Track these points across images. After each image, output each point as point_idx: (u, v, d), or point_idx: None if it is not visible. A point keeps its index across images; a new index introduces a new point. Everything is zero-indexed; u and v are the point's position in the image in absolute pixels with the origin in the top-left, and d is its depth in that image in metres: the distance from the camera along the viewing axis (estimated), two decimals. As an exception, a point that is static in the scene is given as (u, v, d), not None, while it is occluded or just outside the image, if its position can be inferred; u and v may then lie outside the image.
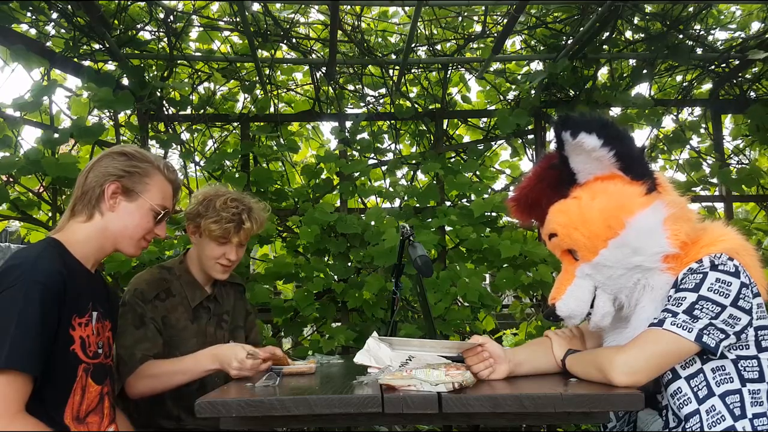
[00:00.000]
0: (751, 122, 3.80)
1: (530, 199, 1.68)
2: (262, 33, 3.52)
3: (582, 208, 1.52)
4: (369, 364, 1.72)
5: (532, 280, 3.34)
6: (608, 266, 1.50)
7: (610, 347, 1.55)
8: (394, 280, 2.33)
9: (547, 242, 1.65)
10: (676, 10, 3.49)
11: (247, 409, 1.34)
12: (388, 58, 3.79)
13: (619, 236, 1.47)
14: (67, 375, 1.51)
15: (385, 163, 3.79)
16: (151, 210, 1.68)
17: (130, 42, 3.46)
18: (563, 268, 1.61)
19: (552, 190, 1.61)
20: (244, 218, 2.09)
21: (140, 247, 1.72)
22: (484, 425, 1.81)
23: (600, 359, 1.46)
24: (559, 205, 1.58)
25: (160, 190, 1.71)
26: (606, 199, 1.50)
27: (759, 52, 3.42)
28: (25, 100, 3.03)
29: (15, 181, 3.21)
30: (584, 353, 1.60)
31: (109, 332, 1.70)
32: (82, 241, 1.62)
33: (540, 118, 3.81)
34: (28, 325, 1.39)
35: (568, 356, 1.60)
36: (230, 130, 3.97)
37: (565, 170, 1.57)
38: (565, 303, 1.56)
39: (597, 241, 1.49)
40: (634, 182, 1.50)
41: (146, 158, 1.71)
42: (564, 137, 1.49)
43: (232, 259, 2.13)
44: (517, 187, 1.76)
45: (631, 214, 1.47)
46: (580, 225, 1.51)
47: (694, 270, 1.44)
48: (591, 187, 1.54)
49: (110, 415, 1.65)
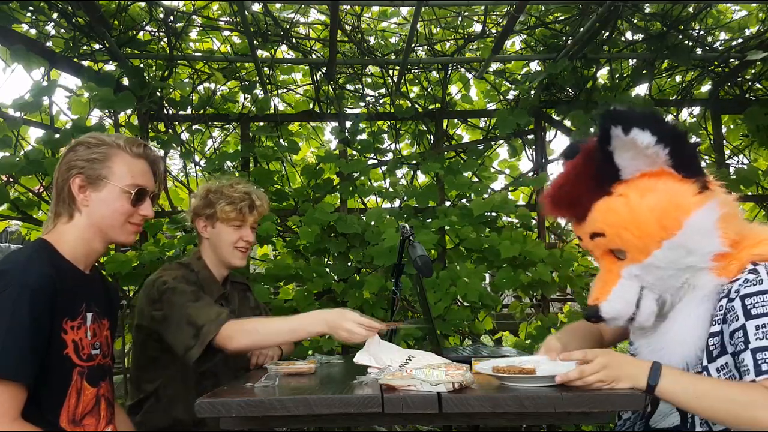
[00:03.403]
0: (751, 122, 3.81)
1: (570, 197, 1.57)
2: (262, 33, 3.52)
3: (631, 206, 1.44)
4: (369, 364, 1.72)
5: (532, 280, 3.34)
6: (660, 267, 1.45)
7: (746, 384, 1.36)
8: (394, 280, 2.33)
9: (585, 241, 1.57)
10: (676, 10, 3.49)
11: (246, 409, 1.34)
12: (388, 58, 3.80)
13: (675, 237, 1.41)
14: (61, 379, 1.50)
15: (385, 163, 3.79)
16: (122, 192, 1.60)
17: (130, 42, 3.46)
18: (604, 268, 1.55)
19: (593, 186, 1.51)
20: (254, 197, 2.22)
21: (130, 232, 1.65)
22: (484, 425, 1.80)
23: (748, 398, 1.32)
24: (604, 203, 1.49)
25: (126, 169, 1.61)
26: (658, 198, 1.43)
27: (758, 52, 3.43)
28: (25, 100, 3.04)
29: (15, 181, 3.22)
30: (700, 381, 1.42)
31: (107, 331, 1.68)
32: (70, 241, 1.58)
33: (540, 118, 3.82)
34: (19, 332, 1.37)
35: (664, 378, 1.39)
36: (230, 130, 3.97)
37: (607, 166, 1.48)
38: (611, 305, 1.51)
39: (650, 242, 1.43)
40: (685, 180, 1.43)
41: (103, 141, 1.62)
42: (614, 132, 1.41)
43: (249, 241, 2.22)
44: (552, 183, 1.66)
45: (688, 213, 1.41)
46: (631, 225, 1.44)
47: (751, 283, 1.39)
48: (637, 184, 1.46)
49: (107, 416, 1.64)
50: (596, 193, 1.50)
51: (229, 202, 2.17)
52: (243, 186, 2.24)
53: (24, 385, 1.39)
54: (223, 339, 1.88)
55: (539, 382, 1.43)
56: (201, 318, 1.92)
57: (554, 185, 1.64)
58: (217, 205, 2.17)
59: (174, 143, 3.65)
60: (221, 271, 2.25)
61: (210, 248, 2.23)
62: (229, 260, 2.21)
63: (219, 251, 2.21)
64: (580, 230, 1.58)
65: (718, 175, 3.66)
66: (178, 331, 1.93)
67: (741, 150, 4.08)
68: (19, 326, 1.38)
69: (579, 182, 1.55)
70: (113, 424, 1.68)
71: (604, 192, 1.49)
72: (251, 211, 2.20)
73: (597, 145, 1.49)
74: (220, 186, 2.23)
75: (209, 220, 2.20)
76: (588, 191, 1.52)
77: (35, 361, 1.41)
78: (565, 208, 1.60)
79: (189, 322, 1.92)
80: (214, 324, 1.89)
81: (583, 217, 1.54)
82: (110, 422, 1.66)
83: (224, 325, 1.89)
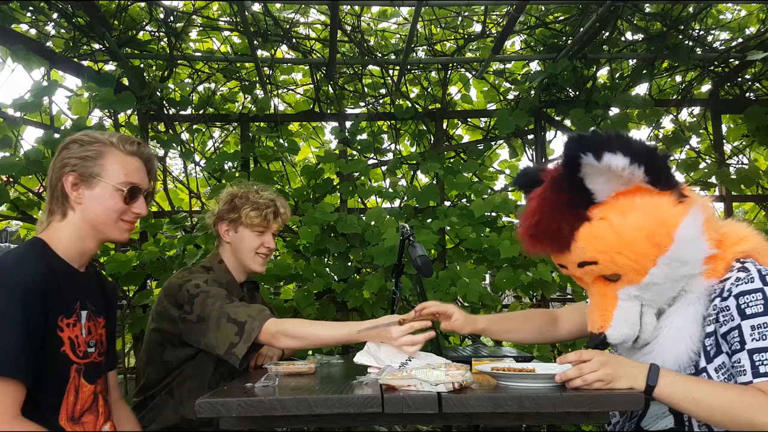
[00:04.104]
0: (751, 122, 3.81)
1: (550, 229, 1.49)
2: (262, 33, 3.52)
3: (616, 229, 1.41)
4: (369, 364, 1.72)
5: (532, 280, 3.34)
6: (658, 284, 1.44)
7: (744, 387, 1.36)
8: (394, 280, 2.33)
9: (572, 269, 1.52)
10: (675, 10, 3.49)
11: (247, 409, 1.34)
12: (388, 58, 3.80)
13: (668, 251, 1.40)
14: (59, 377, 1.50)
15: (385, 163, 3.79)
16: (115, 190, 1.59)
17: (130, 42, 3.46)
18: (597, 292, 1.52)
19: (568, 214, 1.47)
20: (278, 205, 2.24)
21: (124, 229, 1.65)
22: (484, 425, 1.80)
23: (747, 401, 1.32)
24: (587, 230, 1.44)
25: (119, 167, 1.61)
26: (641, 216, 1.40)
27: (758, 52, 3.43)
28: (26, 100, 3.04)
29: (15, 182, 3.22)
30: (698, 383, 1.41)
31: (102, 329, 1.67)
32: (64, 239, 1.58)
33: (540, 118, 3.82)
34: (12, 331, 1.38)
35: (662, 379, 1.38)
36: (230, 130, 3.97)
37: (578, 191, 1.45)
38: (616, 330, 1.49)
39: (645, 262, 1.42)
40: (662, 193, 1.42)
41: (96, 139, 1.61)
42: (585, 160, 1.37)
43: (271, 248, 2.23)
44: (524, 220, 1.58)
45: (675, 226, 1.40)
46: (623, 248, 1.41)
47: (743, 281, 1.40)
48: (615, 204, 1.43)
49: (105, 413, 1.64)
50: (575, 220, 1.46)
51: (254, 207, 2.18)
52: (268, 193, 2.27)
53: (22, 383, 1.39)
54: (269, 336, 1.87)
55: (539, 380, 1.43)
56: (241, 315, 1.90)
57: (528, 221, 1.55)
58: (242, 210, 2.18)
59: (174, 143, 3.65)
60: (241, 275, 2.26)
61: (231, 252, 2.23)
62: (249, 266, 2.22)
63: (240, 256, 2.21)
64: (563, 260, 1.53)
65: (719, 175, 3.72)
66: (219, 331, 1.90)
67: (741, 150, 4.08)
68: (13, 325, 1.38)
69: (554, 213, 1.49)
70: (111, 422, 1.68)
71: (582, 218, 1.45)
72: (275, 218, 2.22)
73: (564, 172, 1.45)
74: (245, 191, 2.23)
75: (232, 224, 2.21)
76: (566, 220, 1.47)
77: (31, 359, 1.41)
78: (548, 243, 1.52)
79: (230, 320, 1.90)
80: (257, 321, 1.87)
81: (566, 248, 1.48)
82: (108, 419, 1.66)
83: (267, 321, 1.87)
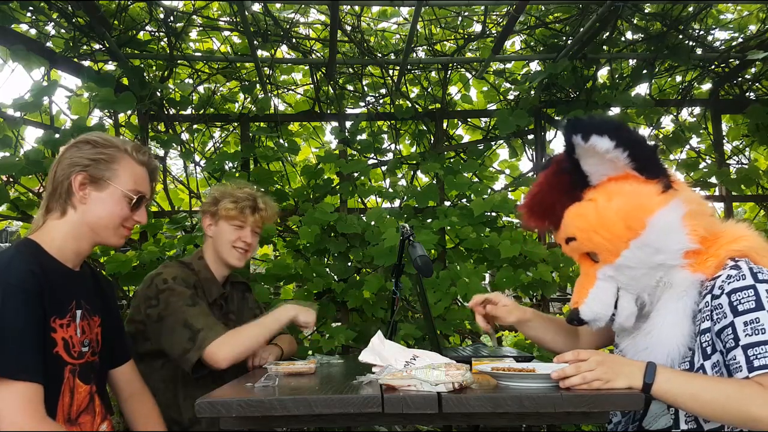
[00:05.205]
0: (751, 122, 3.81)
1: (544, 205, 1.65)
2: (262, 33, 3.52)
3: (599, 210, 1.50)
4: (374, 362, 1.72)
5: (532, 280, 3.34)
6: (631, 267, 1.49)
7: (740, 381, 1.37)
8: (394, 280, 2.33)
9: (563, 246, 1.63)
10: (675, 10, 3.49)
11: (247, 409, 1.33)
12: (388, 58, 3.80)
13: (641, 236, 1.46)
14: (53, 378, 1.49)
15: (385, 163, 3.79)
16: (123, 196, 1.61)
17: (130, 42, 3.46)
18: (582, 272, 1.60)
19: (565, 194, 1.59)
20: (258, 201, 2.26)
21: (121, 236, 1.66)
22: (484, 425, 1.80)
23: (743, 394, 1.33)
24: (575, 209, 1.56)
25: (130, 174, 1.63)
26: (623, 200, 1.49)
27: (758, 52, 3.43)
28: (26, 100, 3.03)
29: (15, 182, 3.22)
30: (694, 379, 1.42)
31: (98, 328, 1.66)
32: (59, 238, 1.57)
33: (540, 118, 3.81)
34: (8, 332, 1.38)
35: (659, 376, 1.38)
36: (230, 130, 3.97)
37: (576, 173, 1.55)
38: (589, 306, 1.55)
39: (618, 243, 1.48)
40: (649, 181, 1.49)
41: (112, 143, 1.62)
42: (575, 141, 1.48)
43: (248, 242, 2.24)
44: (528, 194, 1.73)
45: (651, 213, 1.45)
46: (600, 228, 1.50)
47: (734, 278, 1.41)
48: (605, 188, 1.52)
49: (102, 413, 1.64)
50: (568, 200, 1.58)
51: (232, 200, 2.23)
52: (251, 189, 2.31)
53: (41, 384, 1.40)
54: (211, 355, 1.91)
55: (538, 380, 1.43)
56: (198, 322, 1.93)
57: (529, 196, 1.71)
58: (221, 203, 2.23)
59: (174, 143, 3.65)
60: (222, 270, 2.27)
61: (212, 246, 2.27)
62: (227, 259, 2.24)
63: (218, 249, 2.24)
64: (557, 237, 1.65)
65: (719, 175, 3.72)
66: (174, 333, 1.93)
67: (741, 150, 4.08)
68: (8, 326, 1.38)
69: (552, 191, 1.63)
70: (108, 421, 1.68)
71: (576, 198, 1.57)
72: (253, 212, 2.24)
73: (564, 154, 1.56)
74: (229, 188, 2.30)
75: (214, 218, 2.26)
76: (561, 199, 1.60)
77: (36, 356, 1.41)
78: (541, 217, 1.68)
79: (185, 324, 1.93)
80: (212, 332, 1.90)
81: (558, 224, 1.62)
82: (105, 419, 1.66)
83: (220, 337, 1.91)
